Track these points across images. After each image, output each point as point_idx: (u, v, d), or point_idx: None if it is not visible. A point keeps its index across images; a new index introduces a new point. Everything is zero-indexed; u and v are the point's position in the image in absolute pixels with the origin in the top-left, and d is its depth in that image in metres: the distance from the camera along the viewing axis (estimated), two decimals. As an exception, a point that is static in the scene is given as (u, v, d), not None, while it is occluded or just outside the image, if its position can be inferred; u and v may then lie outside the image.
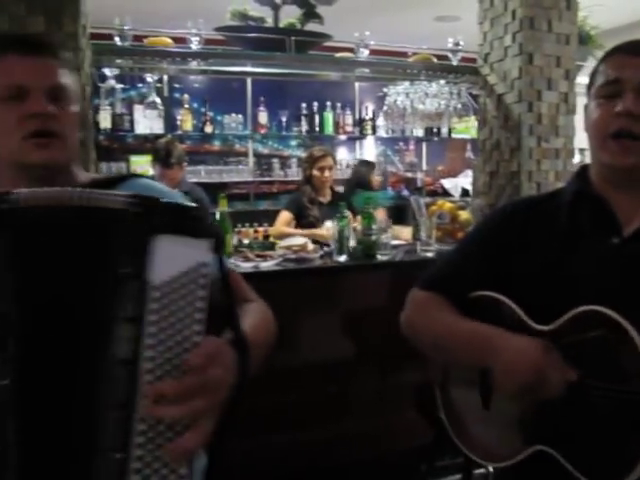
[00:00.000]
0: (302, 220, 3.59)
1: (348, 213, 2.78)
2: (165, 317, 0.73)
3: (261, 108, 5.07)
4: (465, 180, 5.41)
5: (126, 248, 0.73)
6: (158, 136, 4.83)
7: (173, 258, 0.73)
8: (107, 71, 2.84)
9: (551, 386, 0.98)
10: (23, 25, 2.05)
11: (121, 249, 0.73)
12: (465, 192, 5.12)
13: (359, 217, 3.09)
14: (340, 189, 4.30)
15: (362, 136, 5.55)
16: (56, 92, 1.00)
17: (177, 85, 4.95)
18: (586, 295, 1.01)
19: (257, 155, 5.40)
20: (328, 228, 3.31)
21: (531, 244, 1.13)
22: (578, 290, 1.04)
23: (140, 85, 4.45)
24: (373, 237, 2.72)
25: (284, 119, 5.23)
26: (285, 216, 3.57)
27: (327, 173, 3.61)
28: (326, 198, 3.68)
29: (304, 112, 5.24)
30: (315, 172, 3.64)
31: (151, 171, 4.61)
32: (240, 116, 5.12)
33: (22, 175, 0.98)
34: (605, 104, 1.06)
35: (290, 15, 3.06)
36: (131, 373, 0.72)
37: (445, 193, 5.39)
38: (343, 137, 5.56)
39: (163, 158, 3.28)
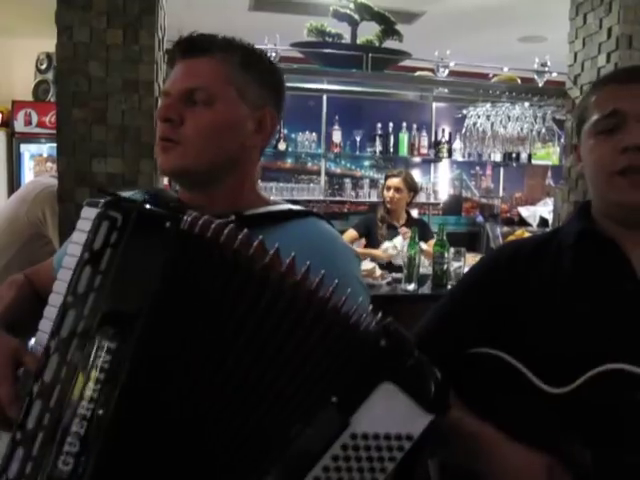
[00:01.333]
0: (371, 239, 3.54)
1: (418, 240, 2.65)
2: (339, 470, 0.64)
3: (335, 127, 5.02)
4: (544, 209, 5.15)
5: (350, 377, 0.66)
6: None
7: (386, 414, 0.65)
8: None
9: None
10: (103, 38, 2.07)
11: (345, 375, 0.66)
12: (544, 221, 4.87)
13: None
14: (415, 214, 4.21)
15: (437, 159, 5.40)
16: (190, 95, 0.92)
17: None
18: (602, 350, 0.86)
19: (329, 174, 5.35)
20: (385, 249, 3.20)
21: (531, 292, 0.98)
22: (592, 344, 0.89)
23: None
24: (445, 266, 2.57)
25: (358, 139, 5.16)
26: (349, 234, 3.52)
27: (391, 193, 3.53)
28: (400, 222, 3.57)
29: (379, 132, 5.15)
30: (384, 191, 3.59)
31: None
32: (314, 134, 5.09)
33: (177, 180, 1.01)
34: (606, 139, 0.94)
35: (369, 32, 2.99)
36: None
37: (522, 222, 5.14)
38: (418, 159, 5.43)
39: None
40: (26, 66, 4.40)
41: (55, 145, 4.10)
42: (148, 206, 0.73)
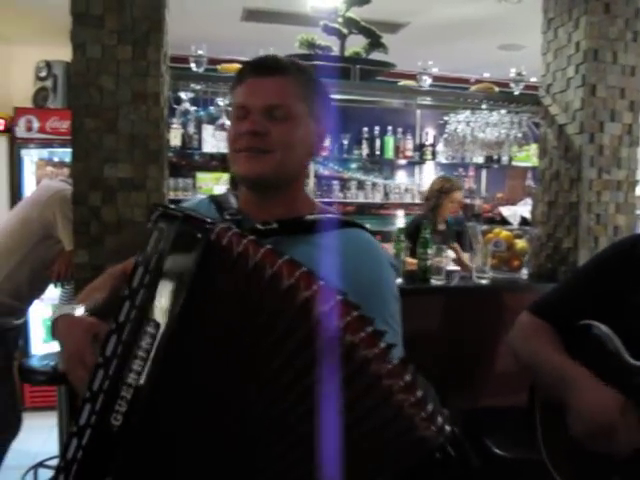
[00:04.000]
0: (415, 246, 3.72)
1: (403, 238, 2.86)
2: None
3: (324, 131, 5.22)
4: (524, 208, 5.37)
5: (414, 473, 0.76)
6: (224, 155, 5.05)
7: None
8: (182, 94, 3.03)
9: (619, 445, 1.00)
10: (114, 54, 2.24)
11: (409, 469, 0.76)
12: (524, 221, 5.09)
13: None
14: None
15: (422, 161, 5.62)
16: (272, 111, 1.05)
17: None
18: None
19: (318, 176, 5.54)
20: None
21: (637, 281, 1.16)
22: None
23: (211, 107, 4.67)
24: (428, 262, 2.78)
25: (345, 142, 5.37)
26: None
27: (457, 206, 3.97)
28: (442, 225, 3.85)
29: (365, 136, 5.37)
30: (448, 204, 3.88)
31: (216, 189, 4.82)
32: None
33: (244, 185, 1.13)
34: None
35: (356, 44, 3.19)
36: None
37: (503, 221, 5.37)
38: (403, 161, 5.64)
39: None
40: (25, 73, 4.54)
41: (54, 150, 4.29)
42: (190, 218, 0.86)
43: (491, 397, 2.52)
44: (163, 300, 0.82)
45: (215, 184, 4.94)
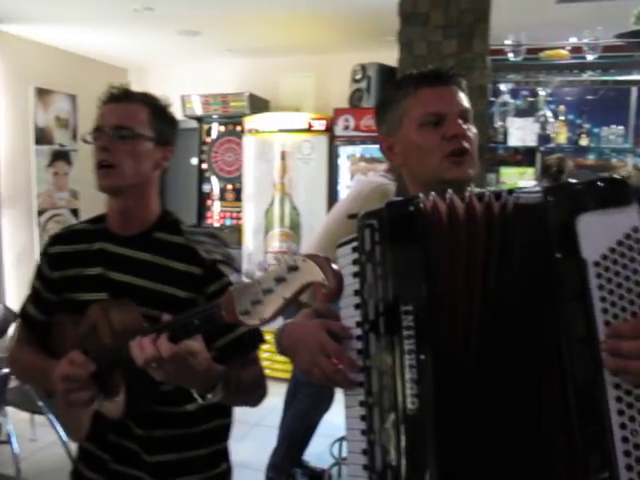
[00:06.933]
0: None
1: None
2: (611, 291, 0.76)
3: (647, 118, 4.61)
4: None
5: (555, 235, 0.80)
6: (529, 149, 4.81)
7: (603, 232, 0.77)
8: (502, 86, 2.95)
9: None
10: (439, 49, 2.27)
11: (551, 237, 0.81)
12: None
13: None
14: None
15: None
16: (464, 115, 1.14)
17: (553, 97, 4.82)
18: None
19: (638, 170, 4.92)
20: None
21: None
22: None
23: (517, 100, 4.50)
24: None
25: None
26: None
27: None
28: None
29: None
30: None
31: (520, 184, 4.62)
32: (621, 128, 4.73)
33: (429, 190, 1.14)
34: None
35: None
36: (590, 347, 0.76)
37: None
38: None
39: (555, 174, 3.28)
40: (342, 77, 4.94)
41: (367, 147, 4.59)
42: (392, 203, 0.93)
43: None
44: (409, 280, 0.85)
45: (519, 179, 4.73)
